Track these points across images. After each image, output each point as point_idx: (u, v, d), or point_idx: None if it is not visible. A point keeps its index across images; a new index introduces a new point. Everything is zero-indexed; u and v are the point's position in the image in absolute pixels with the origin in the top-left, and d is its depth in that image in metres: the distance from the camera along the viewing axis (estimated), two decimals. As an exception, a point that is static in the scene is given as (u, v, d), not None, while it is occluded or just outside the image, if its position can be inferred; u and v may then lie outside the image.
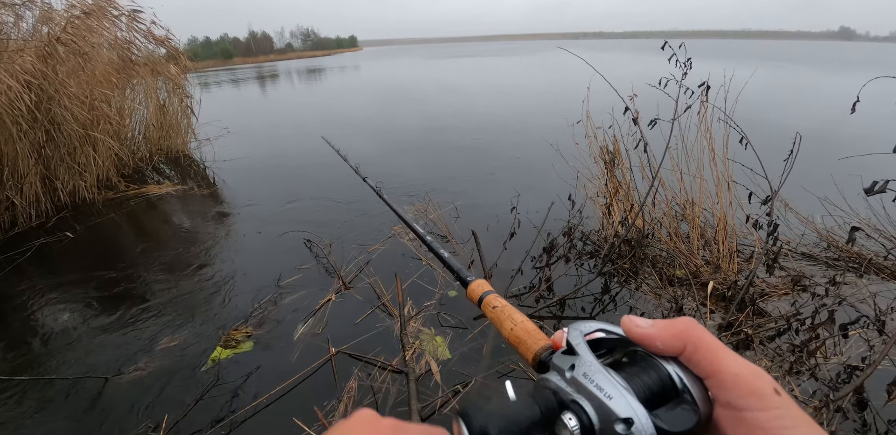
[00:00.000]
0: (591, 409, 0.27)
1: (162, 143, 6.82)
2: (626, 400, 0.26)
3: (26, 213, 4.26)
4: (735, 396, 0.26)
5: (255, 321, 2.60)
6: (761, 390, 0.26)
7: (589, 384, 0.28)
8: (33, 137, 4.33)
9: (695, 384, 0.28)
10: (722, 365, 0.27)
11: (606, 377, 0.28)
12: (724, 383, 0.27)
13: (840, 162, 2.85)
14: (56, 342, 2.52)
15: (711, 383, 0.28)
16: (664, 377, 0.28)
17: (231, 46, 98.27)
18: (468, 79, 20.29)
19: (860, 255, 2.88)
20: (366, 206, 4.38)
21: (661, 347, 0.29)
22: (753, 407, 0.26)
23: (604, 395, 0.27)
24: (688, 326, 0.29)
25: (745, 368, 0.27)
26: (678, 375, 0.28)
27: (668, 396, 0.28)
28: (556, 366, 0.32)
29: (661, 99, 2.82)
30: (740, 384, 0.26)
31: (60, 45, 4.63)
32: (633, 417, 0.26)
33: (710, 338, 0.28)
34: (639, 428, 0.26)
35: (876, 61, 25.05)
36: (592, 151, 3.34)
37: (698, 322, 0.29)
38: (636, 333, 0.30)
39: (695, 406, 0.27)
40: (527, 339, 0.41)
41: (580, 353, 0.30)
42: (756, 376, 0.27)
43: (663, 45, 2.79)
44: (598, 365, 0.29)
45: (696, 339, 0.28)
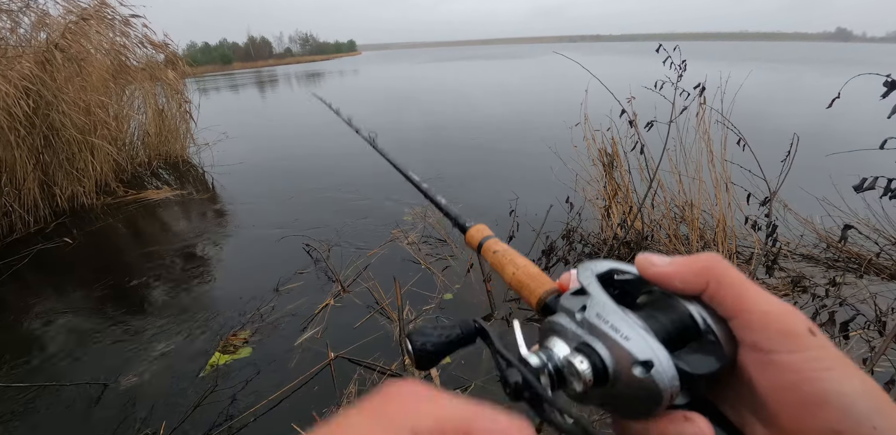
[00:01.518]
0: (605, 351, 0.25)
1: (161, 148, 6.82)
2: (645, 341, 0.24)
3: (25, 219, 4.26)
4: (763, 337, 0.24)
5: (254, 326, 2.59)
6: (794, 330, 0.23)
7: (603, 325, 0.26)
8: (31, 143, 4.34)
9: (718, 325, 0.26)
10: (749, 303, 0.24)
11: (623, 317, 0.25)
12: (752, 323, 0.24)
13: (838, 162, 2.85)
14: (54, 348, 2.51)
15: (737, 324, 0.25)
16: (685, 317, 0.26)
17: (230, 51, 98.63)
18: (468, 82, 20.34)
19: (860, 255, 2.87)
20: (365, 209, 4.37)
21: (680, 285, 0.26)
22: (784, 348, 0.23)
23: (620, 336, 0.25)
24: (711, 262, 0.26)
25: (776, 306, 0.24)
26: (700, 315, 0.26)
27: (688, 337, 0.26)
28: (565, 307, 0.29)
29: (658, 101, 2.82)
30: (770, 323, 0.24)
31: (58, 51, 4.64)
32: (652, 359, 0.23)
33: (737, 274, 0.25)
34: (659, 371, 0.23)
35: (872, 61, 25.14)
36: (591, 154, 3.34)
37: (722, 258, 0.26)
38: (652, 272, 0.27)
39: (719, 347, 0.25)
40: (530, 282, 0.38)
41: (592, 292, 0.28)
42: (789, 314, 0.24)
43: (658, 48, 2.79)
44: (613, 304, 0.26)
45: (720, 275, 0.25)
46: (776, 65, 24.20)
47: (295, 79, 29.96)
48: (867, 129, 6.44)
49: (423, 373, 2.12)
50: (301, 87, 22.90)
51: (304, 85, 24.59)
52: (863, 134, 6.26)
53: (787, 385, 0.23)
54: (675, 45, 2.77)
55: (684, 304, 0.26)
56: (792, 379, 0.23)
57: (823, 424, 0.22)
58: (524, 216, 3.43)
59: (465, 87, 17.95)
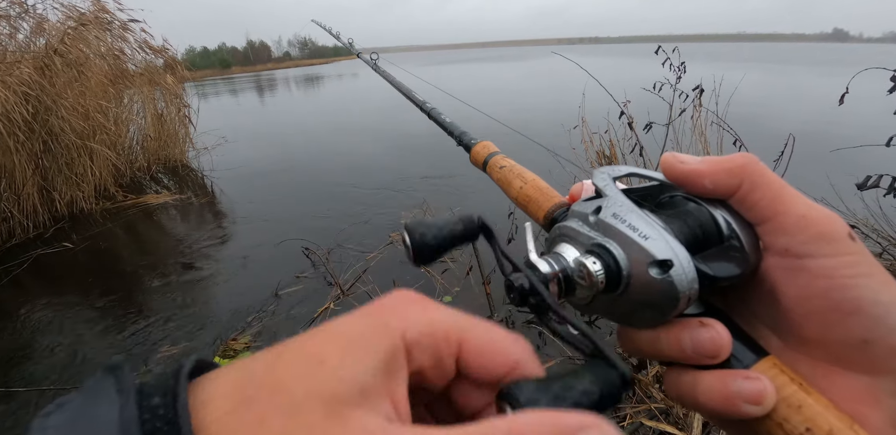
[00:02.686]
0: (619, 251, 0.24)
1: (160, 152, 6.82)
2: (665, 240, 0.23)
3: (24, 224, 4.25)
4: (798, 241, 0.22)
5: (254, 331, 2.59)
6: (834, 233, 0.22)
7: (619, 224, 0.24)
8: (31, 148, 4.34)
9: (744, 229, 0.24)
10: (786, 205, 0.23)
11: (641, 216, 0.24)
12: (786, 226, 0.23)
13: (836, 163, 2.86)
14: (54, 353, 2.51)
15: (769, 228, 0.23)
16: (707, 221, 0.25)
17: (229, 56, 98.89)
18: (467, 84, 20.38)
19: (858, 256, 2.87)
20: (364, 213, 4.37)
21: (709, 186, 0.25)
22: (820, 253, 0.22)
23: (638, 235, 0.23)
24: (747, 161, 0.24)
25: (815, 210, 0.23)
26: (725, 218, 0.25)
27: (711, 242, 0.25)
28: (577, 212, 0.27)
29: (656, 103, 2.83)
30: (807, 227, 0.22)
31: (58, 56, 4.65)
32: (672, 259, 0.22)
33: (774, 175, 0.24)
34: (678, 271, 0.22)
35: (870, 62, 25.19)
36: (589, 156, 3.35)
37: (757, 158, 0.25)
38: (680, 170, 0.25)
39: (743, 253, 0.24)
40: (538, 197, 0.36)
41: (609, 193, 0.26)
42: (829, 218, 0.22)
43: (657, 50, 2.80)
44: (631, 204, 0.25)
45: (755, 176, 0.24)
46: (773, 65, 24.28)
47: (294, 82, 30.03)
48: (866, 128, 6.46)
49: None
50: (300, 91, 22.95)
51: (303, 88, 24.64)
52: (862, 133, 6.28)
53: (817, 292, 0.22)
54: (673, 46, 2.79)
55: (708, 207, 0.25)
56: (823, 285, 0.22)
57: (852, 333, 0.21)
58: (523, 218, 3.43)
59: (464, 88, 17.98)
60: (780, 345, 0.24)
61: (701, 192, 0.25)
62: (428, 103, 0.70)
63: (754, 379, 0.22)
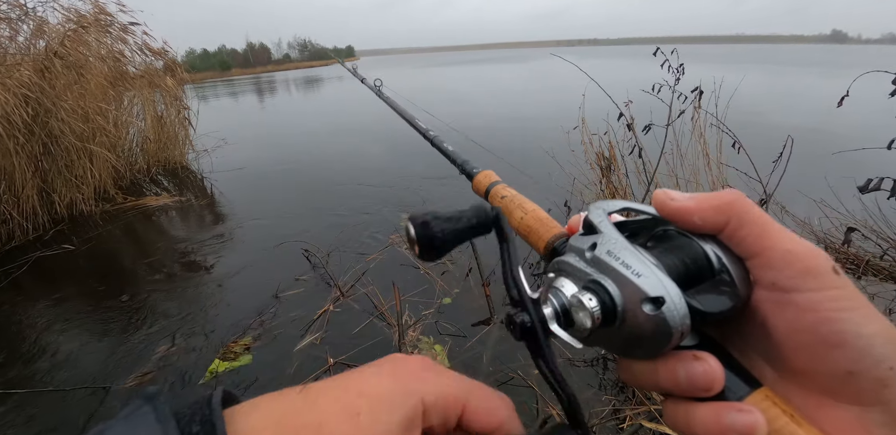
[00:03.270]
0: (614, 288, 0.25)
1: (159, 154, 6.82)
2: (657, 277, 0.23)
3: (23, 226, 4.25)
4: (784, 276, 0.23)
5: (254, 333, 2.59)
6: (818, 268, 0.23)
7: (613, 262, 0.25)
8: (30, 151, 4.34)
9: (734, 264, 0.25)
10: (772, 241, 0.24)
11: (634, 254, 0.25)
12: (773, 261, 0.23)
13: (834, 165, 2.87)
14: (54, 354, 2.50)
15: (757, 262, 0.24)
16: (699, 256, 0.25)
17: (229, 58, 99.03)
18: (466, 85, 20.41)
19: (858, 256, 2.88)
20: (364, 215, 4.38)
21: (699, 222, 0.26)
22: (806, 287, 0.22)
23: (631, 272, 0.24)
24: (734, 199, 0.25)
25: (800, 245, 0.23)
26: (716, 253, 0.25)
27: (702, 277, 0.25)
28: (574, 247, 0.28)
29: (655, 105, 2.84)
30: (792, 262, 0.23)
31: (58, 58, 4.66)
32: (664, 296, 0.23)
33: (760, 212, 0.25)
34: (670, 308, 0.23)
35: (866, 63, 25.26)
36: (588, 158, 3.36)
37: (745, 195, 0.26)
38: (671, 207, 0.26)
39: (733, 287, 0.24)
40: (539, 227, 0.37)
41: (604, 230, 0.27)
42: (813, 253, 0.23)
43: (655, 52, 2.81)
44: (625, 241, 0.25)
45: (742, 213, 0.25)
46: (772, 66, 24.34)
47: (294, 84, 30.07)
48: (864, 129, 6.47)
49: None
50: (300, 93, 22.97)
51: (302, 91, 24.67)
52: (860, 134, 6.29)
53: (805, 326, 0.22)
54: (672, 48, 2.79)
55: (699, 242, 0.26)
56: (810, 319, 0.22)
57: (838, 366, 0.22)
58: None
59: (464, 89, 18.00)
60: (773, 375, 0.25)
61: (691, 227, 0.26)
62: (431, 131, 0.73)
63: (747, 412, 0.22)
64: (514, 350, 2.27)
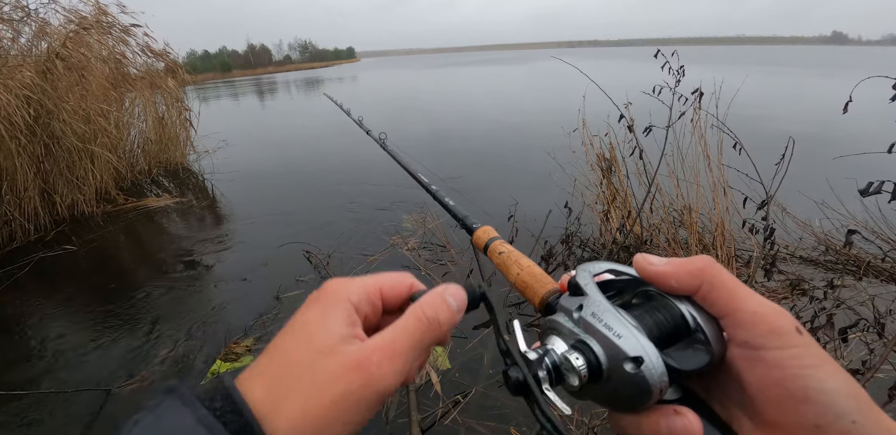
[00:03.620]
0: (599, 348, 0.27)
1: (160, 156, 6.84)
2: (636, 338, 0.26)
3: (25, 227, 4.26)
4: (753, 335, 0.25)
5: (256, 334, 2.59)
6: (782, 328, 0.25)
7: (597, 324, 0.27)
8: (32, 152, 4.35)
9: (708, 323, 0.27)
10: (741, 303, 0.26)
11: (616, 316, 0.27)
12: (742, 322, 0.26)
13: (836, 167, 2.87)
14: (55, 356, 2.51)
15: (728, 322, 0.26)
16: (676, 316, 0.28)
17: (229, 59, 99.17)
18: (468, 88, 20.43)
19: (858, 257, 2.88)
20: (365, 216, 4.38)
21: (675, 285, 0.28)
22: (772, 345, 0.24)
23: (613, 333, 0.26)
24: (706, 264, 0.27)
25: (765, 307, 0.26)
26: (691, 313, 0.27)
27: (679, 335, 0.27)
28: (564, 307, 0.30)
29: (655, 106, 2.84)
30: (759, 322, 0.25)
31: (59, 59, 4.67)
32: (642, 356, 0.25)
33: (729, 276, 0.27)
34: (649, 366, 0.25)
35: (866, 65, 25.28)
36: (589, 159, 3.36)
37: (716, 260, 0.28)
38: (650, 271, 0.29)
39: (707, 345, 0.26)
40: (534, 283, 0.39)
41: (588, 292, 0.29)
42: (777, 314, 0.25)
43: (656, 54, 2.81)
44: (608, 304, 0.28)
45: (712, 277, 0.27)
46: (772, 67, 24.35)
47: (294, 86, 30.10)
48: (866, 132, 6.48)
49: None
50: (300, 94, 23.00)
51: (303, 92, 24.70)
52: (862, 138, 6.30)
53: (774, 381, 0.24)
54: (673, 50, 2.80)
55: (676, 303, 0.28)
56: (778, 375, 0.24)
57: (805, 419, 0.23)
58: (523, 221, 3.44)
59: (464, 91, 18.02)
60: (750, 427, 0.26)
61: (668, 289, 0.28)
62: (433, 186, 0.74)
63: None
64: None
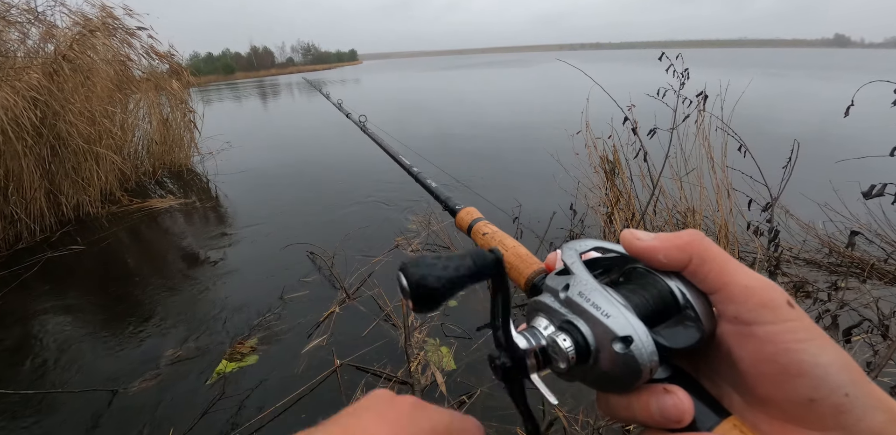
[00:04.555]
0: (586, 328, 0.26)
1: (165, 157, 6.87)
2: (625, 317, 0.25)
3: (31, 228, 4.29)
4: (744, 309, 0.25)
5: (260, 334, 2.60)
6: (774, 302, 0.24)
7: (584, 303, 0.26)
8: (38, 153, 4.38)
9: (698, 299, 0.27)
10: (731, 277, 0.25)
11: (603, 295, 0.26)
12: (733, 296, 0.25)
13: (839, 169, 2.87)
14: (62, 356, 2.52)
15: (719, 297, 0.26)
16: (665, 293, 0.27)
17: (232, 61, 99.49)
18: (471, 89, 20.47)
19: (862, 260, 2.88)
20: (369, 217, 4.39)
21: (663, 260, 0.27)
22: (764, 320, 0.24)
23: (601, 313, 0.26)
24: (694, 238, 0.27)
25: (757, 281, 0.25)
26: (680, 290, 0.27)
27: (669, 312, 0.27)
28: (549, 287, 0.29)
29: (659, 108, 2.85)
30: (751, 296, 0.25)
31: (66, 61, 4.70)
32: (632, 335, 0.24)
33: (718, 250, 0.27)
34: (638, 346, 0.24)
35: (869, 68, 25.25)
36: (592, 161, 3.37)
37: (704, 234, 0.27)
38: (637, 247, 0.28)
39: (698, 322, 0.26)
40: (519, 264, 0.38)
41: (575, 271, 0.28)
42: (768, 288, 0.25)
43: (660, 56, 2.83)
44: (595, 283, 0.27)
45: (702, 251, 0.26)
46: (776, 70, 24.34)
47: (297, 88, 30.18)
48: (869, 135, 6.47)
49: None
50: (303, 96, 23.06)
51: (305, 94, 24.76)
52: (864, 140, 6.30)
53: (766, 356, 0.24)
54: (677, 53, 2.81)
55: (665, 280, 0.27)
56: (770, 350, 0.24)
57: (799, 393, 0.23)
58: (527, 223, 3.46)
59: (467, 94, 18.05)
60: (741, 403, 0.26)
61: (657, 265, 0.28)
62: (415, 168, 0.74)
63: None
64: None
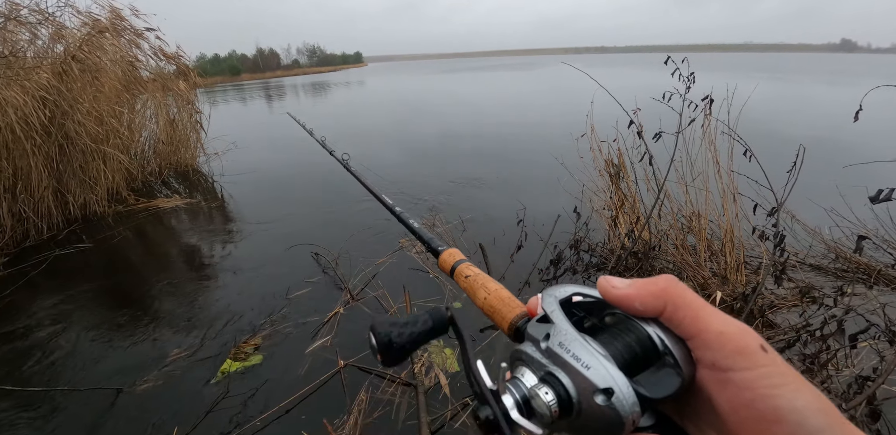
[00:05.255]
0: (568, 381, 0.26)
1: (171, 157, 6.92)
2: (606, 369, 0.25)
3: (38, 226, 4.32)
4: (720, 356, 0.25)
5: (264, 334, 2.61)
6: (748, 348, 0.24)
7: (565, 354, 0.27)
8: (46, 152, 4.42)
9: (676, 346, 0.26)
10: (705, 323, 0.25)
11: (583, 345, 0.26)
12: (709, 342, 0.25)
13: (845, 174, 2.87)
14: (65, 354, 2.54)
15: (695, 344, 0.26)
16: (644, 340, 0.27)
17: (239, 63, 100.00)
18: (474, 92, 20.50)
19: (869, 265, 2.87)
20: (373, 218, 4.40)
21: (640, 307, 0.27)
22: (740, 366, 0.24)
23: (581, 365, 0.26)
24: (668, 284, 0.27)
25: (731, 326, 0.25)
26: (659, 336, 0.27)
27: (649, 359, 0.27)
28: (531, 336, 0.30)
29: (663, 112, 2.85)
30: (725, 342, 0.25)
31: (76, 62, 4.74)
32: (612, 387, 0.25)
33: (692, 296, 0.27)
34: (619, 398, 0.24)
35: (876, 73, 25.15)
36: (597, 165, 3.37)
37: (678, 280, 0.28)
38: (613, 295, 0.28)
39: (678, 369, 0.26)
40: (501, 307, 0.39)
41: (555, 320, 0.29)
42: (742, 333, 0.25)
43: (666, 60, 2.83)
44: (574, 333, 0.27)
45: (676, 297, 0.26)
46: (781, 75, 24.27)
47: (301, 90, 30.31)
48: (875, 140, 6.45)
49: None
50: (307, 98, 23.15)
51: (311, 95, 24.86)
52: (870, 145, 6.28)
53: (744, 402, 0.24)
54: (683, 57, 2.81)
55: (643, 326, 0.28)
56: (748, 396, 0.24)
57: None
58: (532, 226, 3.45)
59: (471, 97, 18.07)
60: None
61: (634, 312, 0.28)
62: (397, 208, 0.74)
63: None
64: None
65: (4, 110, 3.96)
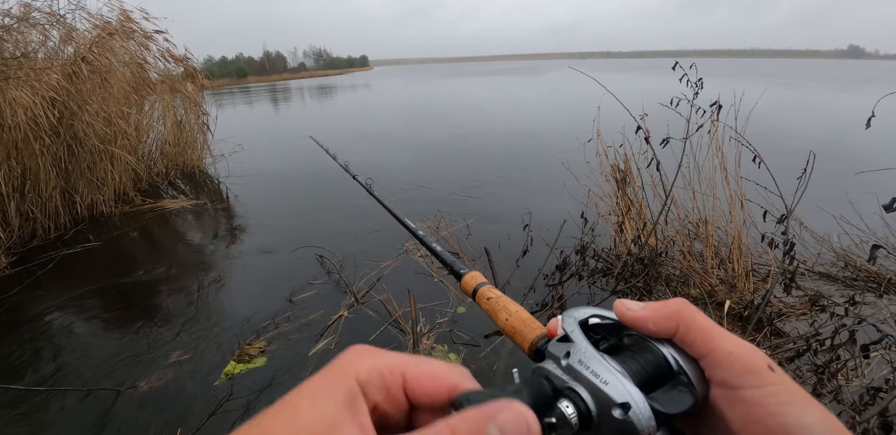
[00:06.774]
0: (587, 395, 0.27)
1: (178, 158, 6.95)
2: (623, 385, 0.27)
3: (45, 225, 4.34)
4: (730, 375, 0.26)
5: (268, 336, 2.60)
6: (756, 367, 0.26)
7: (584, 371, 0.28)
8: (55, 152, 4.45)
9: (690, 365, 0.28)
10: (715, 344, 0.27)
11: (602, 363, 0.28)
12: (719, 362, 0.27)
13: (854, 181, 2.85)
14: (70, 354, 2.54)
15: (706, 363, 0.27)
16: (659, 360, 0.29)
17: (245, 66, 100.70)
18: (481, 96, 20.54)
19: (879, 274, 2.84)
20: (378, 222, 4.40)
21: (653, 329, 0.29)
22: (749, 384, 0.25)
23: (600, 380, 0.27)
24: (679, 307, 0.29)
25: (739, 346, 0.27)
26: (673, 356, 0.28)
27: (664, 378, 0.28)
28: (552, 354, 0.31)
29: (671, 118, 2.84)
30: (734, 362, 0.26)
31: (85, 63, 4.78)
32: (629, 402, 0.26)
33: (703, 317, 0.28)
34: (636, 412, 0.26)
35: (886, 80, 25.04)
36: (603, 170, 3.36)
37: (689, 302, 0.29)
38: (628, 317, 0.30)
39: (691, 387, 0.28)
40: (522, 329, 0.41)
41: (575, 340, 0.30)
42: (750, 353, 0.26)
43: (674, 66, 2.82)
44: (593, 351, 0.29)
45: (687, 319, 0.28)
46: (790, 80, 24.20)
47: (308, 92, 30.47)
48: (884, 147, 6.41)
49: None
50: (315, 100, 23.27)
51: (317, 98, 24.98)
52: (880, 152, 6.23)
53: (755, 419, 0.25)
54: (691, 62, 2.80)
55: (658, 346, 0.29)
56: (758, 413, 0.25)
57: None
58: (538, 231, 3.44)
59: (478, 101, 18.10)
60: None
61: (648, 333, 0.30)
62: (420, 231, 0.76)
63: None
64: (527, 361, 2.26)
65: (14, 110, 3.99)
